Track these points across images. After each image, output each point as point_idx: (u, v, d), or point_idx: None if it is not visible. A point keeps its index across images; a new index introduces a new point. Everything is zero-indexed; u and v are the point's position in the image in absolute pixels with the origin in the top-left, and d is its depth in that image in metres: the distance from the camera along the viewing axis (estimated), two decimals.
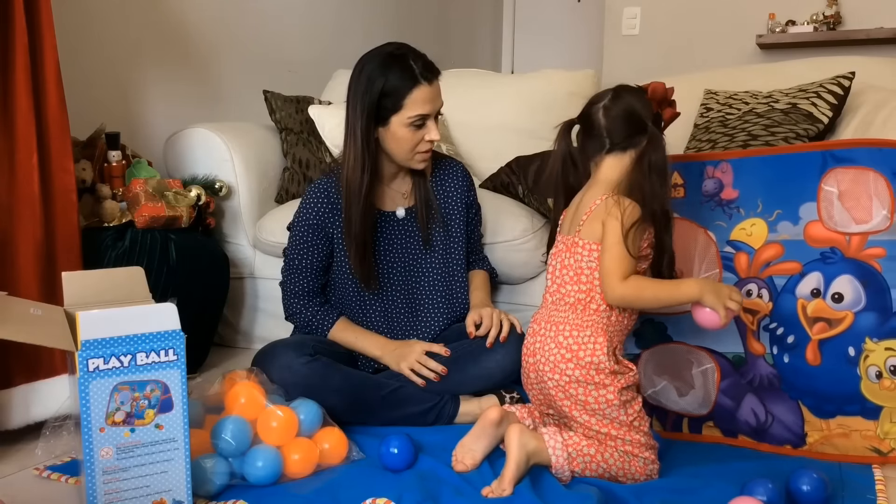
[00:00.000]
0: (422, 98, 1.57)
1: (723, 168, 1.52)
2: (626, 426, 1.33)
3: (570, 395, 1.33)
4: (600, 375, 1.31)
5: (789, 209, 1.47)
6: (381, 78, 1.55)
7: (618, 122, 1.35)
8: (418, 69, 1.57)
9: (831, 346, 1.44)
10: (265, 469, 1.32)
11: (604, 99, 1.38)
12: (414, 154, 1.63)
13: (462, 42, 4.54)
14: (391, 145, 1.62)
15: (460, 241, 1.78)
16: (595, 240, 1.34)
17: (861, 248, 1.43)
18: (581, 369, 1.32)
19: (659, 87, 1.36)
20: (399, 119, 1.58)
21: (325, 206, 1.67)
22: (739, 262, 1.51)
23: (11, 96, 1.54)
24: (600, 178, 1.38)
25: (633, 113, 1.35)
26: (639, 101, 1.36)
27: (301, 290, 1.70)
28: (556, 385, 1.34)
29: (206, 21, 2.66)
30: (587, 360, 1.31)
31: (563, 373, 1.33)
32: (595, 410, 1.32)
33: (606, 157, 1.38)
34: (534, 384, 1.41)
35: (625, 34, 3.65)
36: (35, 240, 1.56)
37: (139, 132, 2.39)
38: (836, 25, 3.23)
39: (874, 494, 1.29)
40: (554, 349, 1.34)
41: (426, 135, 1.60)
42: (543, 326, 1.38)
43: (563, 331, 1.34)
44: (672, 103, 1.38)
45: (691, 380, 1.56)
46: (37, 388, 1.57)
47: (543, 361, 1.35)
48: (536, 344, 1.38)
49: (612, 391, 1.31)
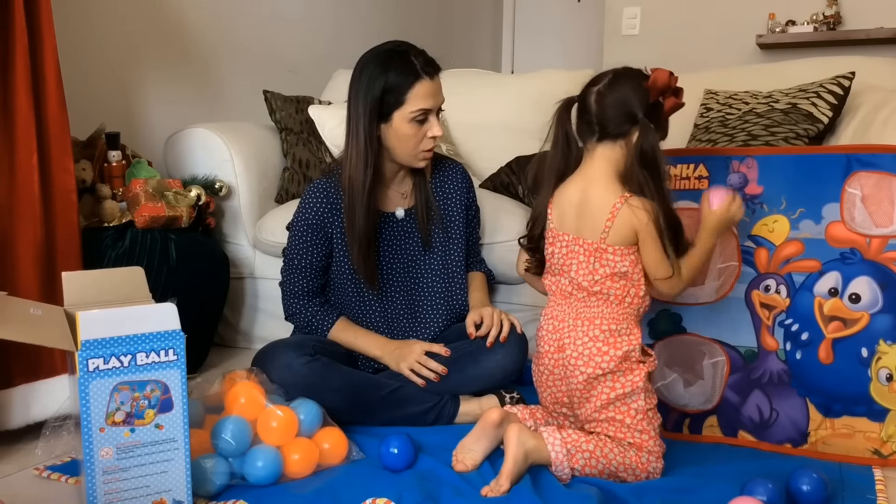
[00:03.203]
0: (423, 93, 1.57)
1: (748, 163, 1.53)
2: (643, 413, 1.33)
3: (598, 386, 1.34)
4: (629, 362, 1.34)
5: (812, 208, 1.48)
6: (383, 75, 1.56)
7: (609, 110, 1.32)
8: (419, 64, 1.57)
9: (845, 345, 1.45)
10: (265, 469, 1.32)
11: (601, 82, 1.35)
12: (418, 152, 1.62)
13: (462, 42, 4.54)
14: (394, 142, 1.61)
15: (460, 242, 1.77)
16: (627, 244, 1.32)
17: (881, 251, 1.44)
18: (616, 360, 1.33)
19: (661, 76, 1.31)
20: (401, 114, 1.57)
21: (324, 206, 1.67)
22: (759, 256, 1.52)
23: (11, 96, 1.54)
24: (596, 171, 1.35)
25: (626, 103, 1.32)
26: (635, 89, 1.32)
27: (300, 290, 1.70)
28: (587, 378, 1.34)
29: (207, 21, 2.66)
30: (624, 350, 1.33)
31: (597, 365, 1.33)
32: (619, 396, 1.33)
33: (598, 146, 1.35)
34: (556, 379, 1.40)
35: (625, 34, 3.65)
36: (35, 240, 1.56)
37: (139, 132, 2.39)
38: (836, 25, 3.23)
39: (874, 494, 1.30)
40: (588, 343, 1.34)
41: (429, 131, 1.60)
42: (569, 323, 1.37)
43: (599, 325, 1.34)
44: (677, 92, 1.33)
45: (701, 371, 1.56)
46: (37, 388, 1.57)
47: (576, 356, 1.35)
48: (564, 339, 1.37)
49: (640, 375, 1.34)
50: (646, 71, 1.34)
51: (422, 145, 1.62)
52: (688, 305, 1.58)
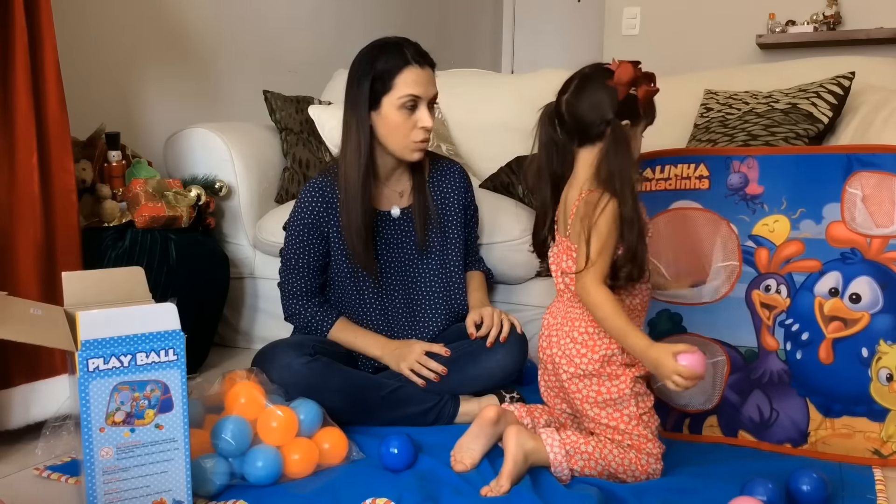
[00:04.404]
0: (412, 78, 1.57)
1: (749, 163, 1.53)
2: (636, 419, 1.33)
3: (583, 388, 1.34)
4: (612, 367, 1.32)
5: (813, 208, 1.48)
6: (373, 63, 1.58)
7: (581, 118, 1.32)
8: (410, 53, 1.59)
9: (845, 345, 1.45)
10: (265, 469, 1.32)
11: (568, 90, 1.35)
12: (409, 143, 1.62)
13: (462, 42, 4.54)
14: (384, 132, 1.61)
15: (458, 242, 1.77)
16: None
17: (881, 251, 1.44)
18: (595, 363, 1.32)
19: (624, 71, 1.29)
20: (390, 101, 1.58)
21: (320, 205, 1.67)
22: (760, 256, 1.52)
23: (11, 96, 1.54)
24: (580, 174, 1.36)
25: (596, 106, 1.30)
26: (601, 89, 1.30)
27: (299, 290, 1.70)
28: (570, 377, 1.35)
29: (207, 21, 2.66)
30: (601, 354, 1.32)
31: (577, 366, 1.34)
32: (607, 402, 1.33)
33: (581, 150, 1.36)
34: (551, 375, 1.42)
35: (625, 34, 3.66)
36: (35, 240, 1.56)
37: (139, 132, 2.39)
38: (836, 25, 3.23)
39: (874, 494, 1.30)
40: (570, 343, 1.35)
41: (419, 121, 1.60)
42: (559, 321, 1.39)
43: (577, 326, 1.35)
44: (648, 78, 1.31)
45: None
46: (37, 388, 1.57)
47: (560, 354, 1.36)
48: (553, 337, 1.39)
49: (626, 381, 1.32)
50: (613, 65, 1.31)
51: (412, 136, 1.61)
52: (688, 305, 1.58)
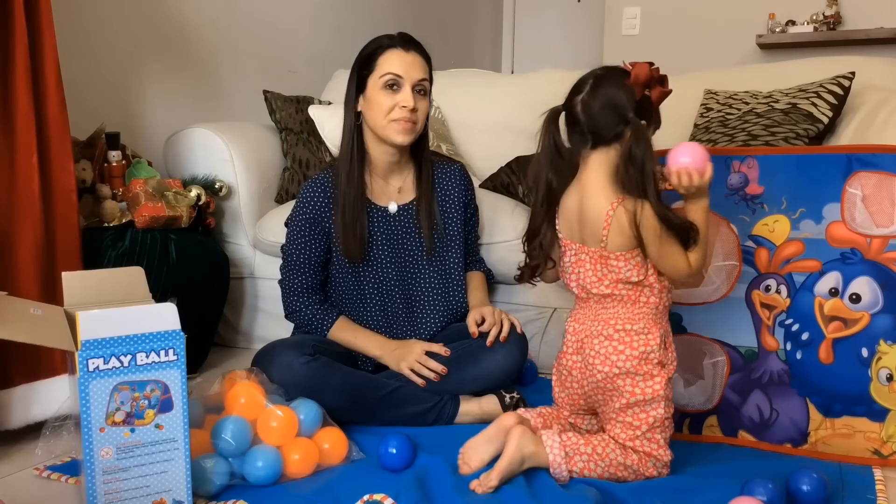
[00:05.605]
0: (395, 58, 1.62)
1: (749, 164, 1.53)
2: (660, 423, 1.32)
3: (618, 387, 1.32)
4: (649, 366, 1.31)
5: (813, 208, 1.48)
6: (363, 52, 1.66)
7: (599, 117, 1.30)
8: (396, 38, 1.65)
9: (845, 345, 1.45)
10: (265, 469, 1.32)
11: (583, 90, 1.33)
12: (388, 122, 1.62)
13: (462, 42, 4.54)
14: (368, 114, 1.65)
15: (457, 241, 1.77)
16: (627, 249, 1.31)
17: (881, 251, 1.44)
18: (633, 360, 1.31)
19: (641, 70, 1.28)
20: (373, 81, 1.63)
21: (321, 201, 1.67)
22: (760, 256, 1.52)
23: (11, 96, 1.54)
24: (592, 179, 1.33)
25: (614, 105, 1.29)
26: (620, 89, 1.29)
27: (300, 287, 1.70)
28: (605, 377, 1.33)
29: (207, 21, 2.66)
30: (640, 350, 1.31)
31: (614, 363, 1.32)
32: (639, 402, 1.32)
33: (592, 153, 1.33)
34: (574, 381, 1.39)
35: (625, 34, 3.66)
36: (35, 240, 1.56)
37: (139, 132, 2.39)
38: (836, 25, 3.24)
39: (874, 494, 1.30)
40: (605, 342, 1.33)
41: (401, 101, 1.61)
42: (588, 325, 1.36)
43: (613, 325, 1.33)
44: (662, 80, 1.30)
45: (701, 371, 1.56)
46: (37, 388, 1.57)
47: (594, 355, 1.34)
48: (584, 341, 1.36)
49: (660, 382, 1.32)
50: (625, 66, 1.32)
51: (391, 114, 1.62)
52: (688, 305, 1.58)
